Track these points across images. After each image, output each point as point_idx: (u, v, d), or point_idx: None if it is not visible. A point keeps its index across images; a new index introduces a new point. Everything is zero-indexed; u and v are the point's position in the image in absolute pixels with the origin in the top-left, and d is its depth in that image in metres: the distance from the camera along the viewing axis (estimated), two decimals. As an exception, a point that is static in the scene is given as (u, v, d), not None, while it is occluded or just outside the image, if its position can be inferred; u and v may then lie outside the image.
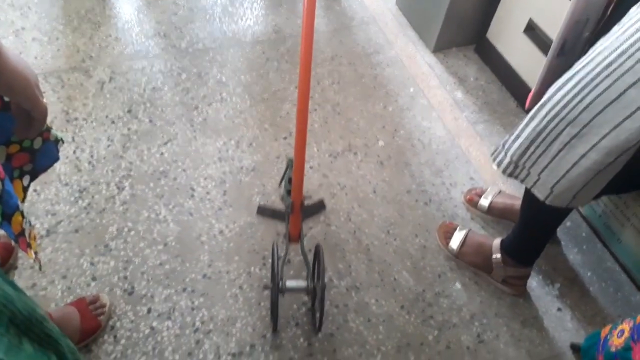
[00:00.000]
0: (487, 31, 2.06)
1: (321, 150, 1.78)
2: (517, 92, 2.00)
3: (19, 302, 0.60)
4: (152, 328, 1.32)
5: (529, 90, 1.89)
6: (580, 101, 0.99)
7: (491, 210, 1.61)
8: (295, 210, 1.19)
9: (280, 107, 1.90)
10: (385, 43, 2.20)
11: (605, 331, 1.22)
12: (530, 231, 1.35)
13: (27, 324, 0.60)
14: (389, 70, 2.09)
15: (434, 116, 1.93)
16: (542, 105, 1.06)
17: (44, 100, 0.68)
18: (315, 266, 1.25)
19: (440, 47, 2.18)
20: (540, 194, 1.11)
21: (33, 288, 1.36)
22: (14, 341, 0.56)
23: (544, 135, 1.06)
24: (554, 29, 1.71)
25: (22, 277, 1.37)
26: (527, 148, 1.09)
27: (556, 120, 1.03)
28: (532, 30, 1.82)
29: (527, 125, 1.09)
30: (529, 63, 1.88)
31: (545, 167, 1.08)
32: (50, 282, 1.38)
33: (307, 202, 1.19)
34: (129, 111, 1.81)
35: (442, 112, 1.95)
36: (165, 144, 1.73)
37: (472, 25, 2.13)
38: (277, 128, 1.82)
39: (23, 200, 0.95)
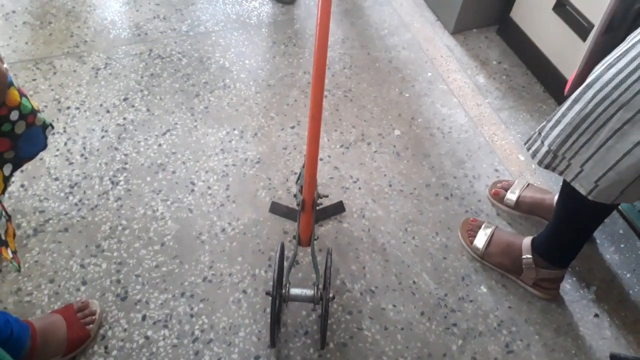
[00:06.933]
0: (511, 10, 1.93)
1: (332, 140, 1.64)
2: (544, 76, 1.86)
3: None
4: (146, 337, 1.20)
5: (558, 74, 1.75)
6: (635, 81, 0.86)
7: (519, 205, 1.48)
8: (306, 209, 1.05)
9: (287, 93, 1.76)
10: (401, 25, 2.05)
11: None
12: (567, 230, 1.23)
13: None
14: (405, 53, 1.94)
15: (455, 102, 1.79)
16: (589, 86, 0.93)
17: (4, 65, 0.57)
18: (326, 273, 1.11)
19: (460, 29, 2.06)
20: (582, 188, 1.00)
21: (17, 293, 1.24)
22: None
23: (589, 120, 0.93)
24: (587, 4, 1.56)
25: (6, 281, 1.26)
26: (569, 135, 0.97)
27: (605, 103, 0.90)
28: (562, 7, 1.67)
29: (569, 109, 0.96)
30: (559, 44, 1.73)
31: (590, 157, 0.96)
32: (36, 286, 1.26)
33: (324, 203, 1.05)
34: (125, 99, 1.69)
35: (463, 98, 1.80)
36: (164, 134, 1.61)
37: (495, 5, 2.00)
38: (284, 117, 1.69)
39: (3, 192, 0.85)
